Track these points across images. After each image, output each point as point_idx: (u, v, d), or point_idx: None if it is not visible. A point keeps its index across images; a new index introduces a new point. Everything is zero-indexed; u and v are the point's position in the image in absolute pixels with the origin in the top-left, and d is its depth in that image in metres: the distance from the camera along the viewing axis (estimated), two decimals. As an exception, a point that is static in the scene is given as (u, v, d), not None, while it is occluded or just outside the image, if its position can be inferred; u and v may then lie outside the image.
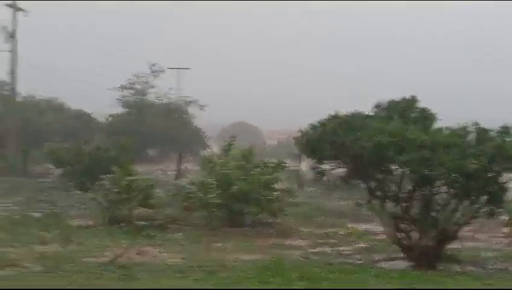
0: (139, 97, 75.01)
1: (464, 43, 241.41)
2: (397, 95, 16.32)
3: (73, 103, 71.12)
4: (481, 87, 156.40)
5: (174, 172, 41.13)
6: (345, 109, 16.05)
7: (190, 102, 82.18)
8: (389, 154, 14.58)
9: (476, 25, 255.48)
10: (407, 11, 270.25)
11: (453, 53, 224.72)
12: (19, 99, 60.16)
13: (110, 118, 71.15)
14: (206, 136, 79.08)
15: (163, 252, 16.37)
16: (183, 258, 15.65)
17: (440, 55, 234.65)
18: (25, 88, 65.09)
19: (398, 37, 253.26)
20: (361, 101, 17.73)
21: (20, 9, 54.80)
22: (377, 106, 16.24)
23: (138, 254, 15.80)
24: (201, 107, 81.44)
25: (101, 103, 74.36)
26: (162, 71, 75.56)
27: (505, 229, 21.81)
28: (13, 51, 54.18)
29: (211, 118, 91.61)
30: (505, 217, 21.12)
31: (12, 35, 54.09)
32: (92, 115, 69.77)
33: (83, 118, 66.96)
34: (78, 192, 31.75)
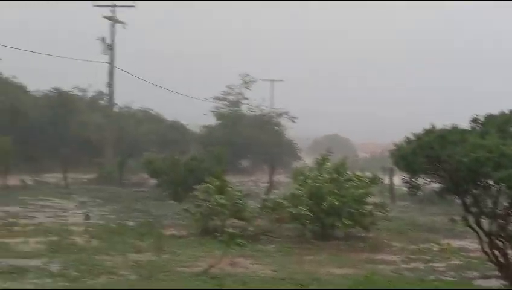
0: (232, 108, 75.78)
1: None
2: (494, 109, 15.98)
3: (169, 114, 72.44)
4: None
5: (266, 184, 41.26)
6: (440, 123, 15.81)
7: (282, 114, 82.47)
8: (485, 170, 14.26)
9: None
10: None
11: None
12: (116, 109, 61.68)
13: (204, 129, 72.10)
14: (298, 148, 79.16)
15: (255, 264, 16.45)
16: (274, 271, 15.69)
17: None
18: (121, 99, 66.78)
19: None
20: (456, 115, 17.39)
21: (118, 21, 56.19)
22: (474, 121, 15.92)
23: (230, 264, 15.92)
24: (293, 119, 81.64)
25: (195, 113, 75.49)
26: (254, 81, 76.21)
27: None
28: (111, 63, 55.58)
29: (303, 129, 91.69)
30: None
31: (110, 47, 55.51)
32: (187, 126, 70.91)
33: (178, 129, 68.15)
34: (172, 202, 32.26)
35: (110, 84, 56.46)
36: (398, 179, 26.06)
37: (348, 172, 22.95)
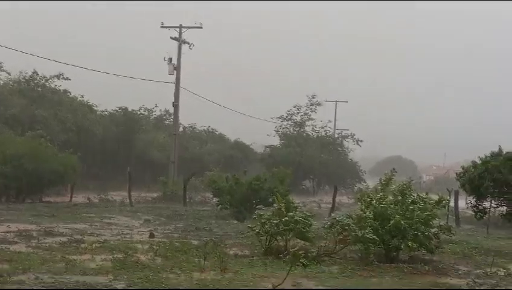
0: (296, 129, 75.86)
1: None
2: None
3: (231, 134, 72.98)
4: None
5: (329, 205, 41.11)
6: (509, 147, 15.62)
7: (347, 136, 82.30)
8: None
9: None
10: None
11: None
12: (180, 129, 62.38)
13: (268, 149, 72.30)
14: (361, 169, 78.75)
15: (318, 285, 16.39)
16: (338, 292, 15.63)
17: None
18: (186, 119, 67.61)
19: None
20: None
21: (185, 42, 56.92)
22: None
23: (293, 285, 15.90)
24: (358, 141, 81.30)
25: (259, 133, 75.86)
26: (320, 104, 76.12)
27: None
28: (176, 83, 56.28)
29: (367, 151, 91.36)
30: None
31: (176, 68, 56.24)
32: (250, 146, 71.28)
33: (241, 148, 68.55)
34: (235, 221, 32.39)
35: (175, 104, 57.11)
36: (463, 202, 25.86)
37: (413, 194, 22.71)
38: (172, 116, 60.81)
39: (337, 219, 21.02)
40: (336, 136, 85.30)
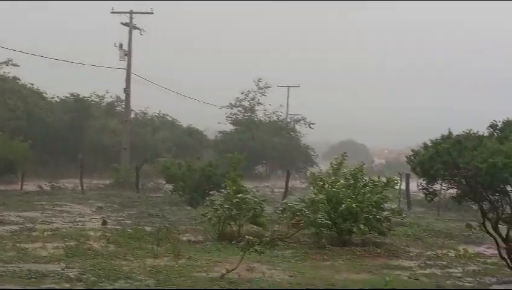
0: (247, 114, 75.86)
1: None
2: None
3: (184, 120, 72.69)
4: None
5: (282, 189, 41.26)
6: (459, 128, 15.83)
7: (299, 120, 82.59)
8: (503, 176, 14.26)
9: None
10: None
11: None
12: (132, 115, 61.93)
13: (220, 135, 72.24)
14: (314, 153, 79.10)
15: (272, 269, 16.45)
16: (291, 276, 15.70)
17: None
18: (138, 105, 67.10)
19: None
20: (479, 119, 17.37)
21: (136, 27, 56.41)
22: (492, 126, 15.91)
23: (247, 270, 15.94)
24: (310, 125, 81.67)
25: (211, 119, 75.71)
26: (269, 87, 76.23)
27: None
28: (128, 69, 55.78)
29: (321, 136, 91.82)
30: None
31: (127, 54, 55.71)
32: (204, 132, 71.14)
33: (194, 134, 68.33)
34: (189, 207, 32.34)
35: (126, 91, 56.63)
36: (415, 185, 26.14)
37: (365, 177, 22.91)
38: (124, 103, 60.24)
39: (290, 203, 21.10)
40: (289, 120, 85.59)
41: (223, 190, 21.88)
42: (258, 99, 75.80)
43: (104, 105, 68.19)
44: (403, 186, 37.67)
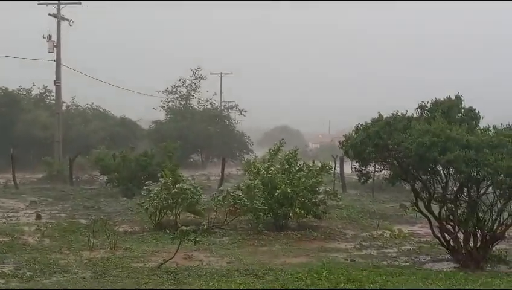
0: (182, 103, 75.63)
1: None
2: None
3: (117, 112, 71.97)
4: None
5: (218, 177, 41.28)
6: (390, 110, 16.05)
7: (232, 107, 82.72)
8: (432, 155, 14.53)
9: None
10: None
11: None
12: (63, 107, 61.01)
13: (154, 125, 71.76)
14: (249, 141, 79.24)
15: (209, 257, 16.49)
16: (229, 262, 15.77)
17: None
18: (69, 97, 66.14)
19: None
20: (410, 101, 17.61)
21: (64, 18, 55.52)
22: (421, 107, 16.18)
23: (185, 258, 15.94)
24: (242, 111, 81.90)
25: (145, 111, 75.19)
26: (204, 79, 76.21)
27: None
28: (57, 60, 54.88)
29: (254, 122, 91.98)
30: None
31: (56, 45, 54.81)
32: (137, 122, 70.55)
33: (127, 125, 67.69)
34: (124, 199, 32.12)
35: (57, 83, 55.73)
36: (349, 168, 26.45)
37: (299, 162, 23.09)
38: (54, 95, 59.25)
39: (226, 190, 21.14)
40: (223, 108, 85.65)
41: (161, 179, 21.76)
42: (195, 86, 75.75)
43: (34, 98, 66.95)
44: (338, 170, 38.15)
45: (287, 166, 22.48)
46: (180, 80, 75.57)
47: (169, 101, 75.59)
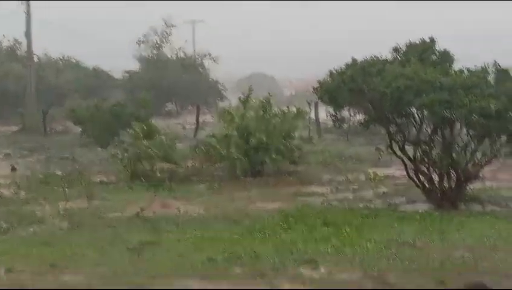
0: (154, 52, 74.93)
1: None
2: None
3: (90, 60, 71.20)
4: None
5: (193, 126, 41.18)
6: (363, 54, 15.99)
7: (205, 55, 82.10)
8: (407, 98, 14.56)
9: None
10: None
11: None
12: (35, 59, 60.26)
13: (127, 75, 71.18)
14: (223, 88, 78.89)
15: (186, 205, 16.49)
16: (206, 209, 15.80)
17: None
18: (40, 48, 65.27)
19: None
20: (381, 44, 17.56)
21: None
22: (395, 50, 16.15)
23: (162, 207, 15.94)
24: (214, 59, 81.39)
25: (117, 59, 74.43)
26: (174, 26, 75.39)
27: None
28: (27, 11, 54.07)
29: (229, 70, 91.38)
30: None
31: (26, -5, 53.92)
32: (110, 72, 69.88)
33: (100, 76, 67.06)
34: (99, 149, 31.96)
35: (27, 34, 54.97)
36: (324, 113, 26.51)
37: (274, 109, 23.05)
38: (24, 47, 58.46)
39: (202, 138, 21.13)
40: (196, 56, 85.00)
41: (131, 132, 21.61)
42: (166, 37, 74.93)
43: (4, 50, 66.02)
44: (313, 115, 38.15)
45: (261, 112, 22.44)
46: (151, 29, 74.72)
47: (142, 52, 74.86)
